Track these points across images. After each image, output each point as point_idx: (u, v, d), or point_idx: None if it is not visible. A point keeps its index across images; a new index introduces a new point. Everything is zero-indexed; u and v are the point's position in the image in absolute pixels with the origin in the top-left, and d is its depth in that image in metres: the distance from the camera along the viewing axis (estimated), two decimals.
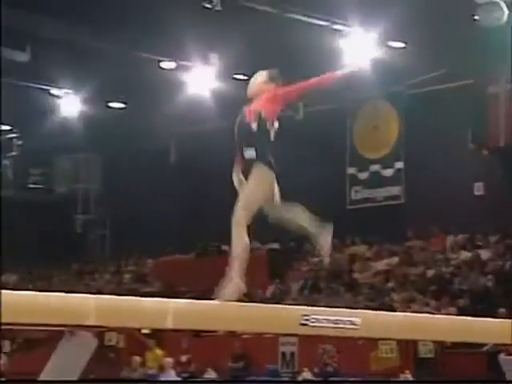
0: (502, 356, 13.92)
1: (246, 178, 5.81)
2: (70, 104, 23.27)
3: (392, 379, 15.68)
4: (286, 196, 6.36)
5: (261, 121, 5.78)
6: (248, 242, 5.77)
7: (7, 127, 26.34)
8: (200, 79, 20.77)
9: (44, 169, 27.08)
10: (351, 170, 21.85)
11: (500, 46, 17.06)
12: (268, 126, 5.81)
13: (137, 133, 24.11)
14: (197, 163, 24.09)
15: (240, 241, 5.76)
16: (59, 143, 25.73)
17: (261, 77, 6.03)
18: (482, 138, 18.90)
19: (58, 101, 23.20)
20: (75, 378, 5.18)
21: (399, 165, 20.93)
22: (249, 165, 5.78)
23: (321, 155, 21.43)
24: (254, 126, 5.78)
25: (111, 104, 23.95)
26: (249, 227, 5.80)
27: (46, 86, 22.33)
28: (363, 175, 21.66)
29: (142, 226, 24.46)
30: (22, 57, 19.36)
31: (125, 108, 24.06)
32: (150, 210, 24.35)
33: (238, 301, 5.67)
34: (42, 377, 5.11)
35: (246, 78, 21.35)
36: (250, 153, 5.78)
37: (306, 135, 21.50)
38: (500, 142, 18.64)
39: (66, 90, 22.77)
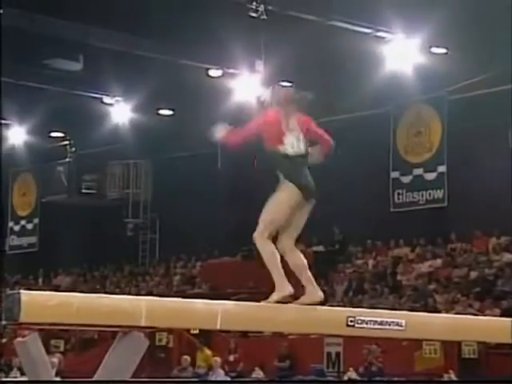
0: None
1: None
2: (121, 111, 23.73)
3: (436, 379, 15.81)
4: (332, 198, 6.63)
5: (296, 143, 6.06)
6: (274, 250, 5.92)
7: (61, 134, 26.86)
8: (246, 86, 21.07)
9: (96, 174, 27.45)
10: (395, 174, 21.98)
11: None
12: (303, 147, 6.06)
13: (185, 139, 24.42)
14: (243, 168, 24.33)
15: (266, 254, 5.90)
16: (111, 149, 26.21)
17: (287, 92, 6.28)
18: None
19: (110, 108, 23.66)
20: (128, 377, 5.35)
21: (442, 168, 20.96)
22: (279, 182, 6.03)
23: (366, 160, 21.64)
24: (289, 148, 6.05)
25: (161, 111, 24.32)
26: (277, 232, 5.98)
27: (98, 94, 22.82)
28: (406, 179, 21.79)
29: (190, 230, 24.76)
30: (76, 66, 19.78)
31: (173, 115, 24.42)
32: (198, 214, 24.66)
33: (285, 302, 5.82)
34: (96, 376, 5.29)
35: (290, 84, 21.71)
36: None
37: (351, 140, 21.69)
38: None
39: (117, 98, 23.20)
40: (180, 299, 5.74)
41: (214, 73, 20.55)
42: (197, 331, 18.99)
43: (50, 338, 21.53)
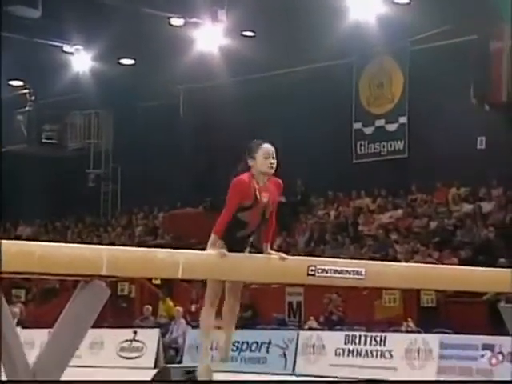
0: (501, 304, 14.31)
1: None
2: (81, 60, 23.47)
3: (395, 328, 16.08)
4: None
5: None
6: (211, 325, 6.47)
7: (21, 83, 26.51)
8: (208, 36, 20.94)
9: (57, 124, 27.20)
10: (357, 125, 22.06)
11: (503, 2, 17.19)
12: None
13: (147, 89, 24.28)
14: (206, 118, 24.29)
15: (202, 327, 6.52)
16: (71, 99, 25.95)
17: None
18: (485, 93, 19.02)
19: (70, 57, 23.39)
20: (89, 326, 5.37)
21: (403, 120, 21.09)
22: None
23: (328, 111, 21.67)
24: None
25: (122, 61, 24.09)
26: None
27: (58, 42, 22.51)
28: (369, 130, 21.88)
29: (153, 181, 24.74)
30: (35, 13, 19.47)
31: (135, 64, 24.21)
32: (160, 165, 24.63)
33: (248, 253, 5.95)
34: (57, 325, 5.29)
35: (253, 34, 21.64)
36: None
37: (314, 91, 21.71)
38: (502, 97, 18.77)
39: (77, 47, 22.92)
40: (142, 248, 5.76)
41: (176, 22, 20.39)
42: (159, 281, 19.18)
43: (11, 288, 21.51)
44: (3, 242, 4.89)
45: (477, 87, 19.02)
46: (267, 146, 6.04)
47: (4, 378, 4.95)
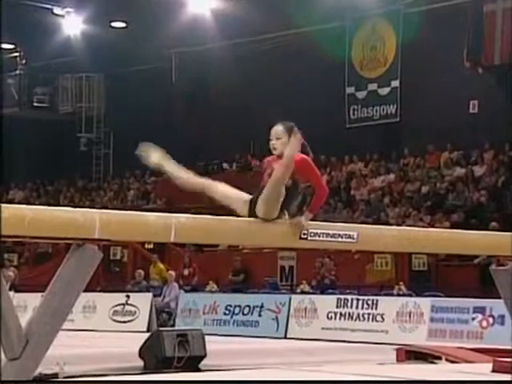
0: (493, 267, 14.39)
1: None
2: (72, 23, 23.32)
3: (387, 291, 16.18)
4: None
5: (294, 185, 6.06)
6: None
7: (11, 46, 26.32)
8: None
9: (48, 88, 27.05)
10: (350, 90, 21.97)
11: None
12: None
13: (139, 52, 24.13)
14: (198, 82, 24.18)
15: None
16: (63, 62, 25.79)
17: (287, 132, 6.07)
18: (478, 56, 18.96)
19: (61, 20, 23.24)
20: (81, 290, 5.37)
21: (395, 83, 21.03)
22: None
23: (321, 75, 21.58)
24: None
25: (114, 24, 23.93)
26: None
27: (49, 4, 22.36)
28: (361, 94, 21.81)
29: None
30: None
31: (127, 27, 24.06)
32: (152, 129, 24.55)
33: (239, 216, 5.90)
34: (49, 288, 5.28)
35: None
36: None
37: (307, 55, 21.59)
38: (495, 61, 18.74)
39: (68, 9, 22.79)
40: (134, 212, 5.75)
41: None
42: (151, 246, 19.22)
43: (3, 252, 21.51)
44: None
45: (470, 50, 18.98)
46: (273, 128, 6.10)
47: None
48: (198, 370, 10.30)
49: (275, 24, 21.75)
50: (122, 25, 24.01)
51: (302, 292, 16.83)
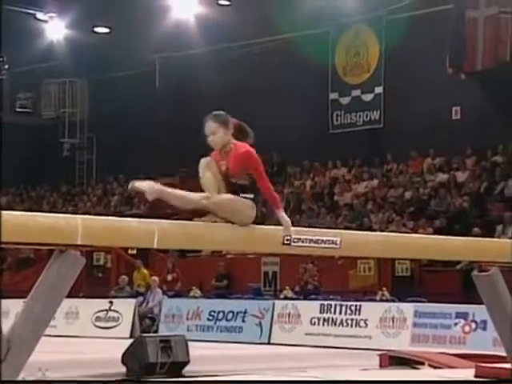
0: (475, 272, 14.44)
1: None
2: (55, 28, 23.26)
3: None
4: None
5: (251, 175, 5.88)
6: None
7: None
8: (183, 3, 20.81)
9: (31, 93, 26.97)
10: (333, 95, 22.03)
11: None
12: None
13: (122, 57, 24.09)
14: (182, 87, 24.17)
15: None
16: (46, 67, 25.72)
17: (223, 124, 5.93)
18: (460, 63, 19.06)
19: (44, 25, 23.17)
20: (64, 296, 5.35)
21: (379, 90, 21.10)
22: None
23: (305, 80, 21.63)
24: (246, 179, 5.87)
25: (97, 29, 23.89)
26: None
27: (31, 9, 22.29)
28: (345, 100, 21.87)
29: (128, 150, 24.64)
30: None
31: (110, 32, 24.01)
32: (135, 134, 24.52)
33: (223, 222, 5.94)
34: (32, 294, 5.26)
35: (229, 3, 21.42)
36: (247, 196, 5.90)
37: (291, 61, 21.64)
38: (477, 67, 18.84)
39: (51, 14, 22.73)
40: (116, 218, 5.73)
41: None
42: (135, 251, 19.17)
43: None
44: None
45: (452, 56, 19.08)
46: (206, 125, 6.02)
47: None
48: (182, 376, 10.28)
49: (259, 30, 21.80)
50: (106, 30, 23.97)
51: (286, 298, 16.83)
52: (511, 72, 18.08)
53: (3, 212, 5.07)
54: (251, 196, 5.91)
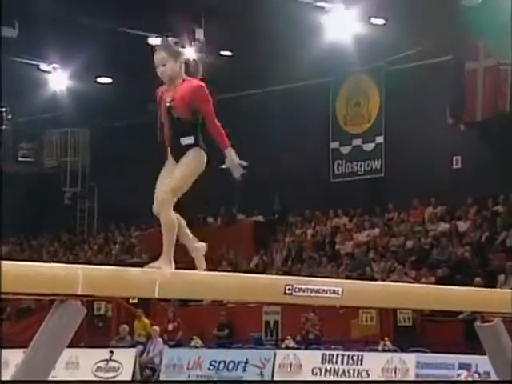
0: (477, 323, 14.36)
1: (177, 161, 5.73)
2: (58, 79, 23.45)
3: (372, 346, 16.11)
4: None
5: (195, 111, 5.60)
6: (175, 220, 5.80)
7: None
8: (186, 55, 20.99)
9: (33, 143, 27.14)
10: (334, 145, 22.16)
11: (478, 23, 17.39)
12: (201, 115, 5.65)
13: (124, 107, 24.26)
14: None
15: (170, 222, 5.80)
16: (48, 117, 25.89)
17: (174, 54, 5.52)
18: (460, 113, 19.19)
19: (47, 76, 23.36)
20: (65, 346, 5.33)
21: (380, 139, 21.23)
22: (184, 149, 5.67)
23: (306, 130, 21.77)
24: (189, 115, 5.59)
25: (99, 79, 24.09)
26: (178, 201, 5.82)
27: (35, 61, 22.50)
28: (346, 149, 21.98)
29: (129, 199, 24.67)
30: (11, 32, 19.49)
31: (112, 83, 24.20)
32: (136, 183, 24.56)
33: (224, 271, 5.93)
34: (32, 344, 5.25)
35: (231, 54, 21.61)
36: (186, 140, 5.65)
37: (292, 110, 21.79)
38: (477, 117, 18.96)
39: (54, 65, 22.92)
40: (117, 267, 5.72)
41: (153, 41, 20.39)
42: (135, 300, 19.11)
43: None
44: None
45: (452, 107, 19.22)
46: (155, 56, 5.60)
47: (4, 378, 4.89)
48: None
49: (260, 80, 21.99)
50: (108, 80, 24.16)
51: (287, 347, 16.74)
52: (511, 122, 18.19)
53: (4, 262, 5.08)
54: (191, 139, 5.63)
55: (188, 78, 5.62)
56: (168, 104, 5.63)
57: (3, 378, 5.06)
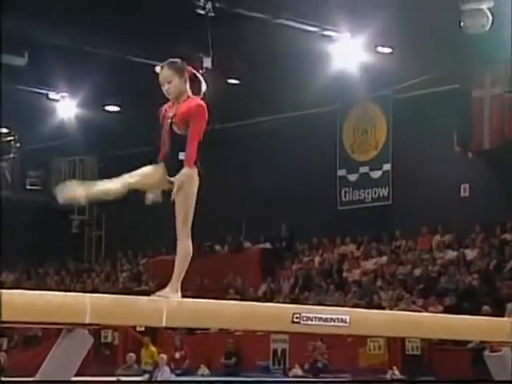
0: (486, 353, 14.26)
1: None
2: (66, 107, 23.57)
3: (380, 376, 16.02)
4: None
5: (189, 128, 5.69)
6: (190, 252, 5.91)
7: (6, 130, 26.54)
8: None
9: (41, 171, 27.22)
10: (341, 172, 22.18)
11: (484, 52, 17.45)
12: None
13: (132, 135, 24.33)
14: None
15: (185, 252, 5.93)
16: (56, 145, 25.98)
17: (177, 73, 5.73)
18: (467, 141, 19.22)
19: (55, 104, 23.48)
20: (72, 375, 5.32)
21: (387, 167, 21.25)
22: (180, 166, 5.77)
23: (313, 158, 21.79)
24: (187, 131, 5.69)
25: (107, 107, 24.19)
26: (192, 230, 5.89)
27: (44, 89, 22.62)
28: (353, 177, 22.00)
29: (137, 227, 24.70)
30: (21, 61, 19.61)
31: (120, 111, 24.30)
32: (145, 211, 24.57)
33: (231, 299, 5.94)
34: (40, 373, 5.25)
35: (239, 82, 21.77)
36: (184, 155, 5.74)
37: (299, 138, 21.85)
38: (484, 145, 18.98)
39: (62, 94, 23.03)
40: (125, 296, 5.73)
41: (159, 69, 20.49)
42: (143, 328, 19.07)
43: None
44: None
45: (460, 135, 19.25)
46: (160, 74, 5.77)
47: (4, 379, 4.89)
48: None
49: (267, 108, 22.06)
50: (116, 108, 24.26)
51: (295, 376, 16.67)
52: None
53: (12, 291, 5.09)
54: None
55: (193, 96, 5.75)
56: (169, 120, 5.73)
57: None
